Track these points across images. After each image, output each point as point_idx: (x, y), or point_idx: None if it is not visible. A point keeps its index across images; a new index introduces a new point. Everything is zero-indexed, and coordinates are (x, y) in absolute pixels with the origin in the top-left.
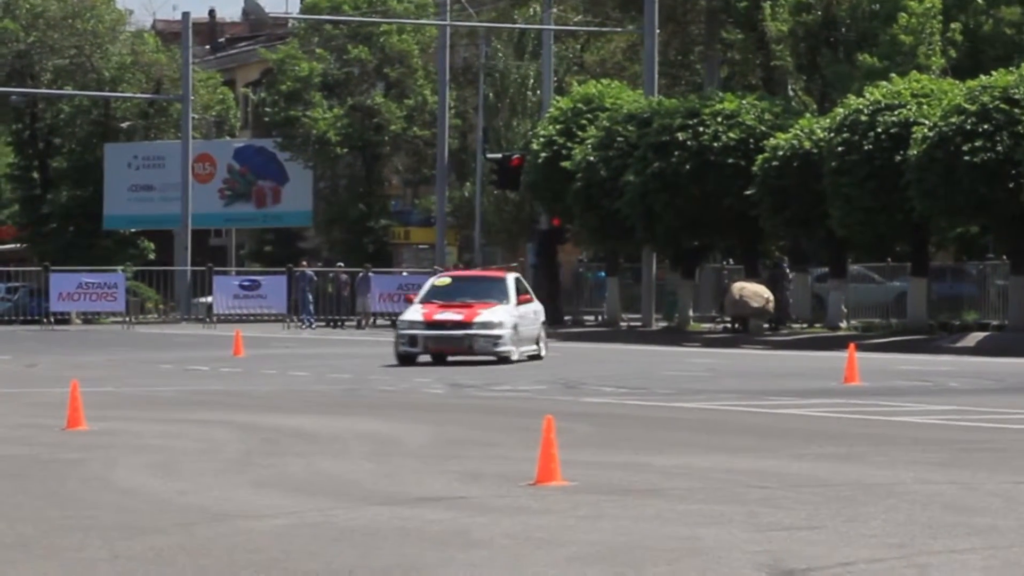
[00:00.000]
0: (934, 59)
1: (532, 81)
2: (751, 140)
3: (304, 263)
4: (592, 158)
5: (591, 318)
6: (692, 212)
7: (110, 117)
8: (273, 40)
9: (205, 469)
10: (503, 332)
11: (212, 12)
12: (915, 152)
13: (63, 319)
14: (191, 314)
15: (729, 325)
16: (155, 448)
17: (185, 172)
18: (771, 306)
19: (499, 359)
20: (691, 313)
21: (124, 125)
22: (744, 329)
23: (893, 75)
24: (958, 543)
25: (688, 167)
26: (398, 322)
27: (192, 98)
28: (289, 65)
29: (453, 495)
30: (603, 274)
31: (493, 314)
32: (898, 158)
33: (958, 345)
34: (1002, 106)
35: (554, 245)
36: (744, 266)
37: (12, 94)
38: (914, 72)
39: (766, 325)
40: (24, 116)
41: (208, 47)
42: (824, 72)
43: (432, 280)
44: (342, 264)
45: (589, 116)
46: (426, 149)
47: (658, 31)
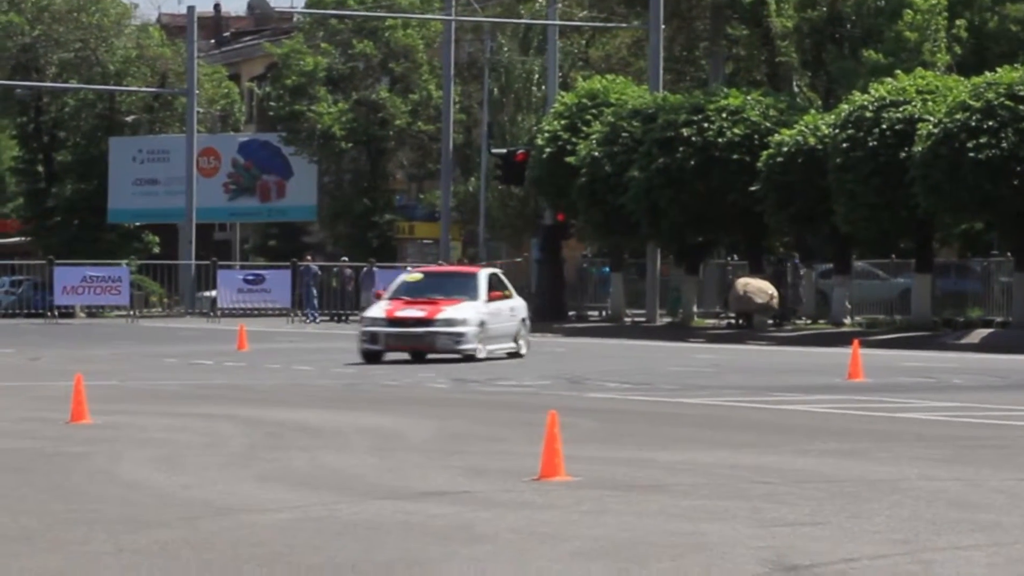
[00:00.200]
0: (939, 55)
1: (537, 76)
2: (756, 136)
3: (308, 257)
4: (597, 153)
5: (595, 313)
6: (696, 208)
7: (115, 111)
8: (278, 34)
9: (209, 463)
10: (466, 330)
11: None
12: (920, 148)
13: (67, 313)
14: (195, 308)
15: (733, 321)
16: (159, 442)
17: (190, 166)
18: (775, 302)
19: (464, 357)
20: (695, 309)
21: (129, 119)
22: (748, 325)
23: (898, 71)
24: (962, 539)
25: (693, 163)
26: (362, 319)
27: (197, 92)
28: (294, 59)
29: (457, 490)
30: (607, 269)
31: (457, 311)
32: (903, 155)
33: (962, 342)
34: (1007, 103)
35: (558, 240)
36: (748, 262)
37: (17, 87)
38: (919, 68)
39: (770, 321)
40: (29, 110)
41: (213, 41)
42: (829, 68)
43: (403, 276)
44: (346, 258)
45: (594, 111)
46: (431, 144)
47: (663, 27)
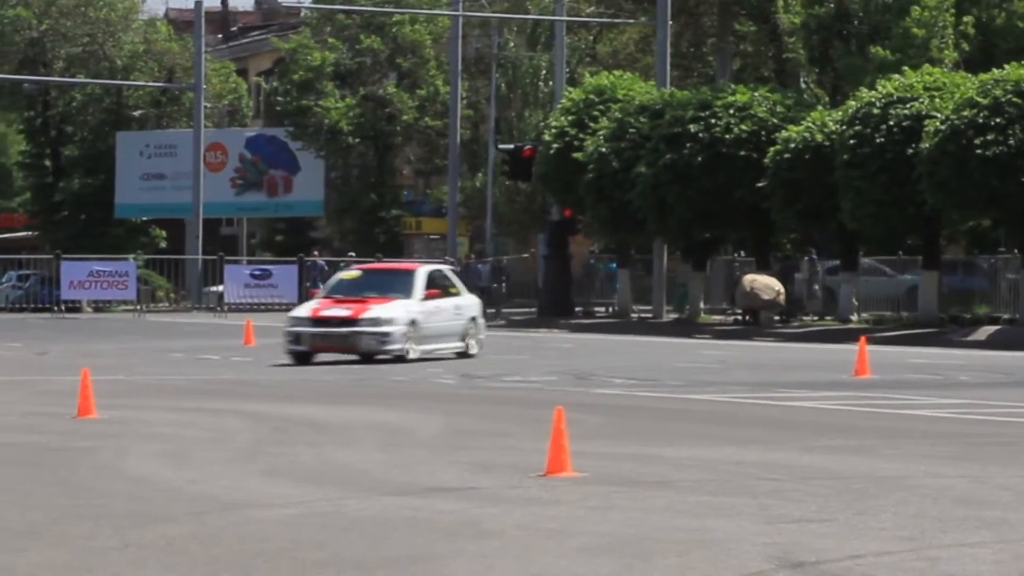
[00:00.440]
0: (947, 52)
1: (544, 72)
2: (763, 132)
3: (315, 252)
4: (604, 149)
5: (602, 309)
6: (704, 204)
7: (122, 105)
8: (285, 29)
9: (216, 458)
10: (392, 329)
11: (224, 1)
12: (927, 145)
13: (74, 307)
14: (202, 303)
15: (740, 317)
16: (166, 437)
17: (197, 161)
18: (782, 298)
19: (393, 358)
20: (702, 305)
21: (136, 114)
22: (755, 321)
23: (905, 68)
24: (968, 536)
25: (700, 159)
26: (287, 318)
27: (204, 87)
28: (301, 54)
29: (464, 486)
30: (614, 265)
31: (385, 310)
32: (910, 151)
33: (969, 339)
34: (1014, 99)
35: (565, 236)
36: (755, 258)
37: (25, 82)
38: (926, 65)
39: (777, 317)
40: (36, 104)
41: (220, 36)
42: (836, 65)
43: (340, 274)
44: (353, 254)
45: (601, 107)
46: (438, 139)
47: (670, 23)
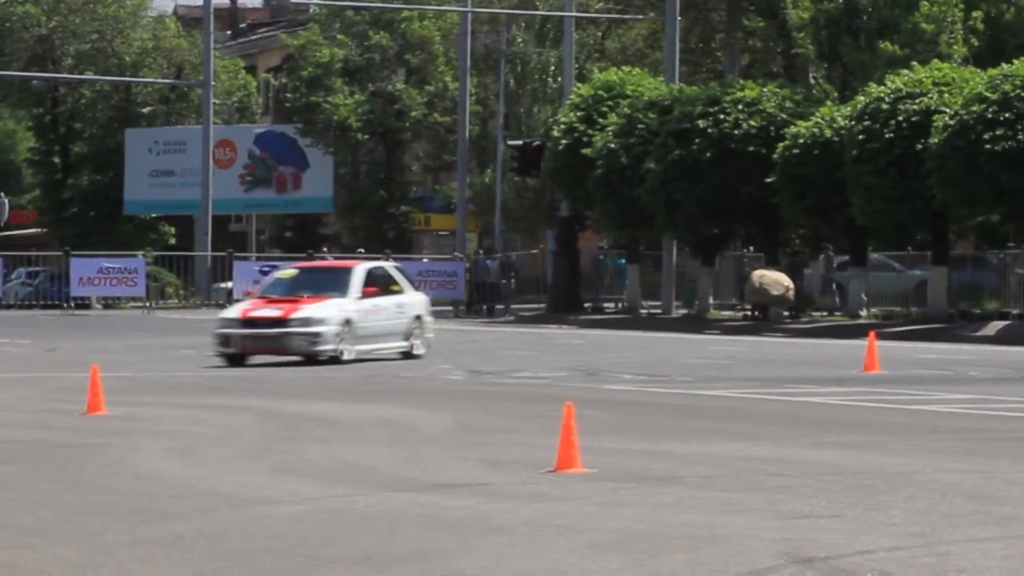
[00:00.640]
0: (955, 47)
1: (553, 68)
2: (772, 128)
3: (324, 249)
4: (613, 145)
5: (611, 305)
6: (712, 200)
7: (131, 102)
8: (294, 26)
9: (224, 455)
10: (324, 329)
11: None
12: (936, 140)
13: (83, 304)
14: (211, 299)
15: (749, 313)
16: (175, 433)
17: (206, 158)
18: (791, 294)
19: (328, 359)
20: (711, 301)
21: (145, 110)
22: (764, 317)
23: (914, 63)
24: (978, 532)
25: (709, 155)
26: (217, 319)
27: (213, 84)
28: (310, 51)
29: (473, 482)
30: (623, 261)
31: (317, 309)
32: (919, 146)
33: (978, 334)
34: (1023, 95)
35: (574, 232)
36: (764, 254)
37: (33, 79)
38: (935, 60)
39: (786, 313)
40: (45, 101)
41: (229, 33)
42: (845, 60)
43: (276, 272)
44: (362, 250)
45: (610, 103)
46: (447, 135)
47: (679, 18)
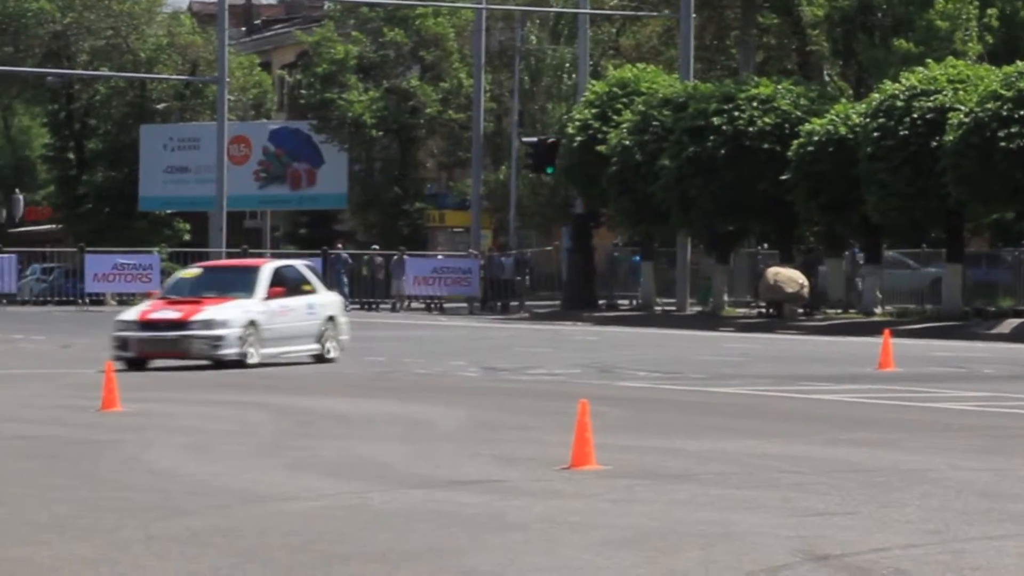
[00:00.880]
0: (970, 45)
1: (568, 65)
2: (786, 125)
3: (339, 245)
4: (627, 142)
5: (625, 302)
6: (727, 197)
7: (146, 98)
8: (309, 22)
9: (239, 451)
10: (226, 332)
11: None
12: (951, 138)
13: (98, 300)
14: None
15: (764, 310)
16: (189, 430)
17: (220, 154)
18: (806, 291)
19: (232, 362)
20: (726, 298)
21: (160, 107)
22: (779, 314)
23: (929, 61)
24: (993, 529)
25: (723, 152)
26: (114, 321)
27: (228, 80)
28: (325, 47)
29: (487, 478)
30: (638, 258)
31: (219, 311)
32: (934, 144)
33: (993, 331)
34: None
35: (589, 229)
36: (779, 251)
37: (48, 75)
38: (950, 58)
39: (801, 310)
40: (60, 97)
41: (244, 29)
42: (860, 57)
43: (179, 272)
44: (377, 247)
45: (624, 100)
46: (461, 132)
47: (694, 15)
